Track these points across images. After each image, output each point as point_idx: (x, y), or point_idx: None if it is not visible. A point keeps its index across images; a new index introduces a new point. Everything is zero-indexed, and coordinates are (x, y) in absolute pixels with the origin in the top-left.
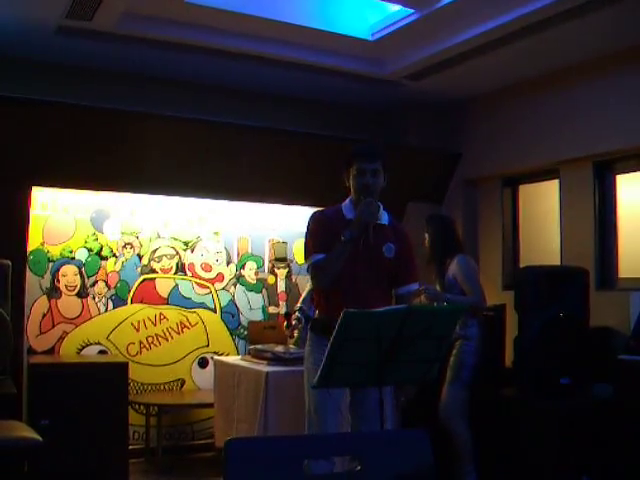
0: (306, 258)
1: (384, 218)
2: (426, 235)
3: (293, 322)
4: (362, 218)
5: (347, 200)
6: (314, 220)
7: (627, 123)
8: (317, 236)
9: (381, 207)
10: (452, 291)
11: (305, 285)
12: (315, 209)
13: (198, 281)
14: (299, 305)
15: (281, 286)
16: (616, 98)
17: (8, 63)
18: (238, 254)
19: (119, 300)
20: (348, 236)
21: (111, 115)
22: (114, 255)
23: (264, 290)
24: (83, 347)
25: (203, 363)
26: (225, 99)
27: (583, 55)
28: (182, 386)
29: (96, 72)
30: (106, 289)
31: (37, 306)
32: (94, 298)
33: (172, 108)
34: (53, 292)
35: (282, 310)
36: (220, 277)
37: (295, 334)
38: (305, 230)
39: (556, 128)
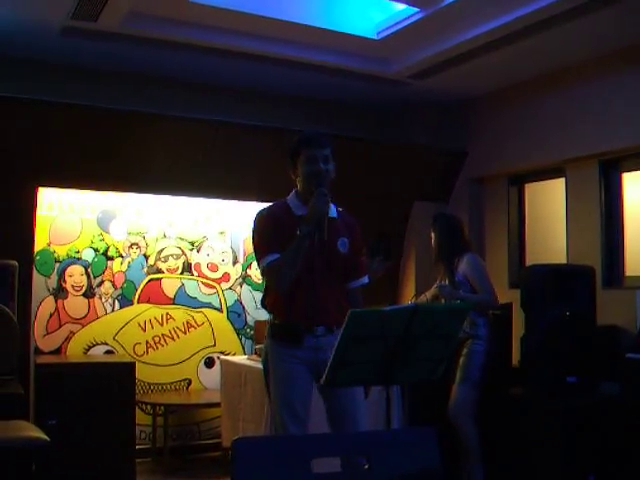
0: (258, 261)
1: (333, 211)
2: (432, 235)
3: None
4: (317, 210)
5: (292, 194)
6: (261, 219)
7: (633, 121)
8: (267, 235)
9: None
10: (463, 290)
11: None
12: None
13: (204, 281)
14: None
15: None
16: (622, 96)
17: (14, 64)
18: (244, 254)
19: (125, 300)
20: (305, 231)
21: (116, 115)
22: (120, 255)
23: None
24: (90, 347)
25: (209, 363)
26: (230, 99)
27: (588, 53)
28: (189, 386)
29: (101, 72)
30: (112, 289)
31: (44, 306)
32: (100, 298)
33: (177, 108)
34: (60, 292)
35: None
36: (226, 277)
37: None
38: (252, 230)
39: (562, 126)
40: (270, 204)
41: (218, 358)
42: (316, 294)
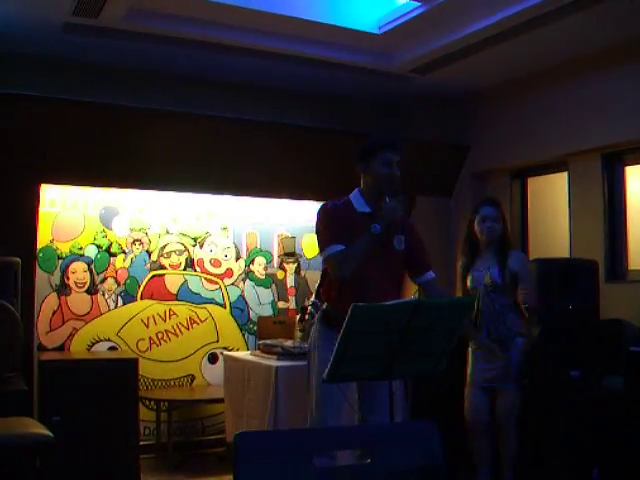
0: (321, 249)
1: None
2: (490, 224)
3: (307, 316)
4: (394, 214)
5: (356, 192)
6: (326, 211)
7: (636, 114)
8: (332, 227)
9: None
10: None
11: (315, 279)
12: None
13: (207, 277)
14: (312, 300)
15: (290, 281)
16: (625, 89)
17: (15, 61)
18: (247, 249)
19: (128, 296)
20: (378, 230)
21: (119, 111)
22: (123, 252)
23: (273, 285)
24: (93, 343)
25: (213, 358)
26: (232, 94)
27: (590, 47)
28: (192, 382)
29: (103, 69)
30: (115, 285)
31: (47, 303)
32: (104, 295)
33: (180, 104)
34: (63, 289)
35: (291, 305)
36: (229, 273)
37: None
38: (316, 222)
39: (564, 120)
40: (333, 200)
41: (221, 354)
42: (369, 285)
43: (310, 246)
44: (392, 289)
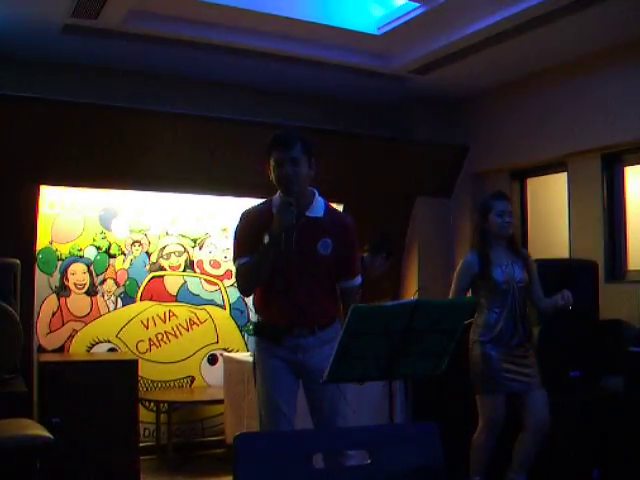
0: (233, 262)
1: (319, 210)
2: (508, 218)
3: None
4: (281, 220)
5: (277, 193)
6: (241, 219)
7: (635, 115)
8: (241, 238)
9: (316, 196)
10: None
11: None
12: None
13: (207, 278)
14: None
15: None
16: (624, 90)
17: (14, 62)
18: None
19: (128, 298)
20: (268, 240)
21: (118, 113)
22: (123, 253)
23: None
24: (93, 345)
25: (212, 360)
26: (232, 96)
27: (591, 47)
28: (192, 383)
29: (102, 70)
30: (115, 287)
31: (46, 305)
32: (103, 296)
33: (179, 105)
34: (62, 290)
35: None
36: (229, 274)
37: None
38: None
39: (564, 120)
40: (256, 204)
41: (221, 355)
42: (293, 296)
43: None
44: (323, 295)
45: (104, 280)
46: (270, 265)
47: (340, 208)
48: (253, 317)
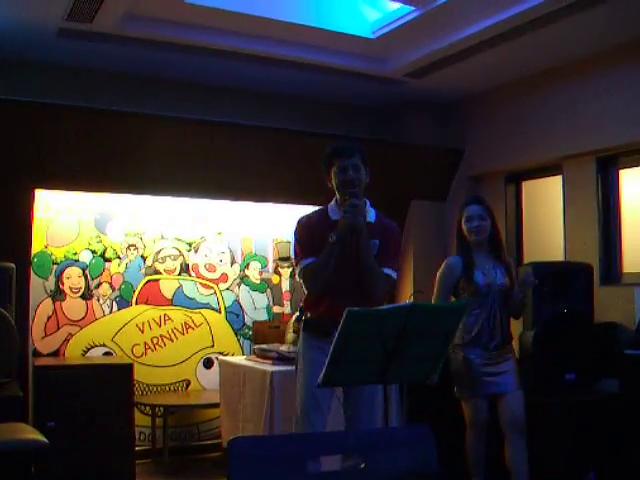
0: (296, 265)
1: (372, 215)
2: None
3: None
4: (347, 221)
5: (332, 201)
6: (300, 226)
7: (630, 118)
8: (304, 241)
9: (367, 204)
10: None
11: None
12: (319, 207)
13: (202, 282)
14: (301, 304)
15: (285, 286)
16: (619, 93)
17: (9, 65)
18: (242, 254)
19: (123, 302)
20: (335, 238)
21: (113, 116)
22: (118, 257)
23: (268, 290)
24: (88, 349)
25: (208, 363)
26: (226, 99)
27: (585, 50)
28: (187, 387)
29: (97, 74)
30: (110, 291)
31: (42, 308)
32: (98, 300)
33: (174, 109)
34: (57, 294)
35: (287, 309)
36: (224, 277)
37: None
38: (293, 237)
39: (559, 123)
40: (311, 211)
41: (217, 359)
42: (342, 292)
43: None
44: (366, 295)
45: (99, 284)
46: (334, 262)
47: None
48: (248, 321)
